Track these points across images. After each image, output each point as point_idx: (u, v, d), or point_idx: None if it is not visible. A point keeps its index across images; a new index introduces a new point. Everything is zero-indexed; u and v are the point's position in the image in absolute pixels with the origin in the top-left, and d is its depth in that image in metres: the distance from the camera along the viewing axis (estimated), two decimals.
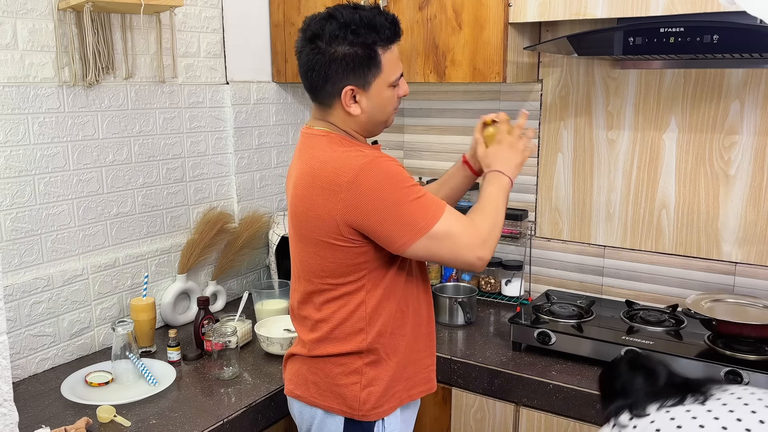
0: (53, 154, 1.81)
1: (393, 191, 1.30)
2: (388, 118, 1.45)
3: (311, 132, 1.44)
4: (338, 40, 1.32)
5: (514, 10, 1.94)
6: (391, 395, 1.45)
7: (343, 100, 1.36)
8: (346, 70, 1.34)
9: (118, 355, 1.74)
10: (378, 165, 1.30)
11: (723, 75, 1.95)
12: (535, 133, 1.43)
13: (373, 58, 1.34)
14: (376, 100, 1.39)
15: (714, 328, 1.76)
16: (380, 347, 1.42)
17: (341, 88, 1.35)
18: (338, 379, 1.42)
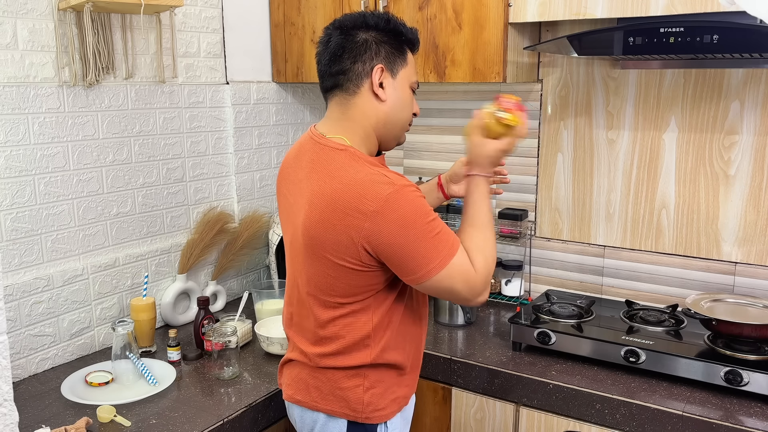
0: (53, 154, 1.81)
1: (416, 225, 1.28)
2: (404, 124, 1.43)
3: (326, 143, 1.37)
4: (371, 29, 1.36)
5: (514, 10, 1.94)
6: (393, 399, 1.45)
7: (373, 77, 1.35)
8: (378, 52, 1.35)
9: (118, 355, 1.74)
10: (404, 196, 1.27)
11: (723, 75, 1.95)
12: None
13: (401, 47, 1.38)
14: (399, 92, 1.38)
15: (714, 327, 1.76)
16: (384, 361, 1.42)
17: (372, 66, 1.35)
18: (341, 382, 1.41)
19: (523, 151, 2.31)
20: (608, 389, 1.68)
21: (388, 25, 1.37)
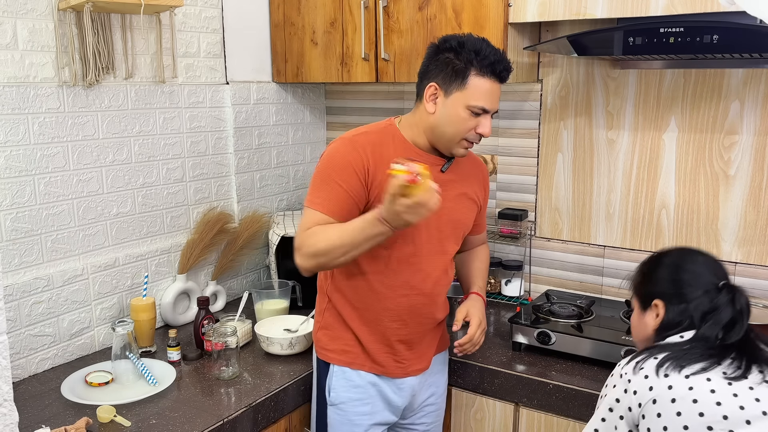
0: (53, 154, 1.81)
1: (319, 166, 1.60)
2: (453, 137, 1.57)
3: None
4: (447, 51, 1.55)
5: (514, 10, 1.94)
6: (340, 349, 1.68)
7: (426, 92, 1.58)
8: (438, 72, 1.56)
9: (118, 355, 1.74)
10: (334, 144, 1.61)
11: (723, 75, 1.95)
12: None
13: (462, 73, 1.53)
14: (449, 110, 1.55)
15: None
16: (333, 305, 1.69)
17: (427, 83, 1.57)
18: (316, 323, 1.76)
19: (523, 151, 2.31)
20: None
21: (446, 47, 1.56)
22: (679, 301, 1.29)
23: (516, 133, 2.32)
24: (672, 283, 1.31)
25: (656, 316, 1.32)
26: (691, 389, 1.16)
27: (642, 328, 1.37)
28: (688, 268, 1.31)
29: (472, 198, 1.73)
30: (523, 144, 2.31)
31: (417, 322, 1.67)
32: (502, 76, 1.55)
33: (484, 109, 1.54)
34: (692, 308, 1.27)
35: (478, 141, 1.60)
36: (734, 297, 1.25)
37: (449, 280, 1.73)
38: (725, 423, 1.12)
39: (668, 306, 1.30)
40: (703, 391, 1.15)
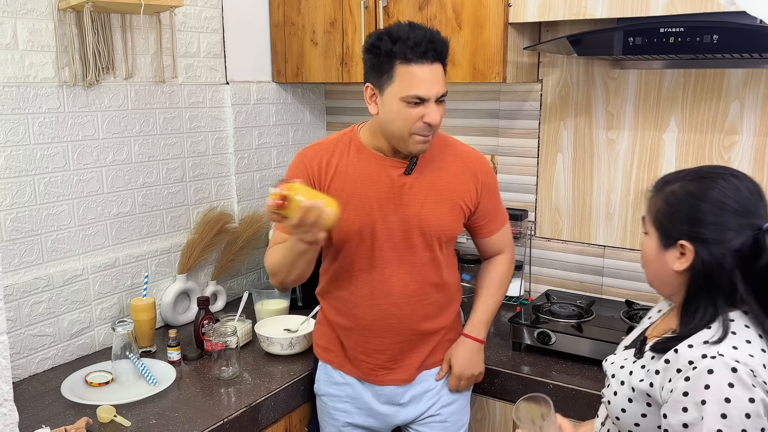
0: (53, 154, 1.81)
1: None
2: (401, 134, 1.50)
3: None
4: (370, 48, 1.49)
5: (514, 10, 1.94)
6: (322, 345, 1.73)
7: (365, 95, 1.54)
8: (370, 72, 1.51)
9: (118, 355, 1.74)
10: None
11: (723, 75, 1.95)
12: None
13: (387, 66, 1.46)
14: (387, 107, 1.49)
15: None
16: (323, 304, 1.71)
17: (365, 85, 1.54)
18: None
19: (523, 151, 2.31)
20: None
21: (368, 46, 1.50)
22: (712, 245, 1.09)
23: (516, 133, 2.32)
24: (705, 224, 1.10)
25: (680, 255, 1.13)
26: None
27: (659, 266, 1.18)
28: (728, 204, 1.09)
29: (456, 201, 1.60)
30: (523, 144, 2.31)
31: (391, 333, 1.62)
32: (429, 56, 1.43)
33: (419, 97, 1.45)
34: (729, 257, 1.08)
35: (430, 131, 1.49)
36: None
37: (432, 290, 1.62)
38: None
39: (699, 250, 1.10)
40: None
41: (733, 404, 1.00)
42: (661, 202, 1.16)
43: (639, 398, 1.15)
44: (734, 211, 1.09)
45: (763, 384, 1.02)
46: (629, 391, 1.16)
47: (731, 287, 1.09)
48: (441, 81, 1.47)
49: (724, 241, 1.08)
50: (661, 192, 1.17)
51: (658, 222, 1.16)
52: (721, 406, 1.00)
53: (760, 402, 1.00)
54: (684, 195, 1.13)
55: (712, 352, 1.05)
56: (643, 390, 1.13)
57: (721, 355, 1.04)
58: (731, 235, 1.08)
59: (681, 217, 1.12)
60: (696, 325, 1.10)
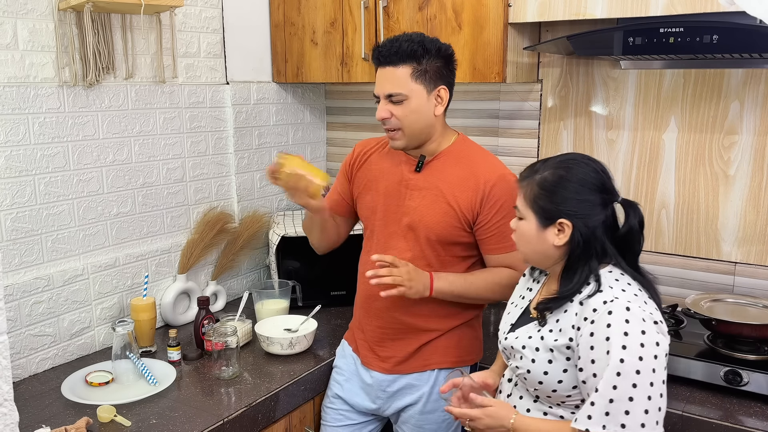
0: (53, 154, 1.81)
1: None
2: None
3: None
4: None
5: (513, 10, 1.94)
6: (349, 327, 1.90)
7: None
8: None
9: (119, 354, 1.75)
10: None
11: (723, 75, 1.95)
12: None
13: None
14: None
15: (714, 327, 1.76)
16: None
17: None
18: None
19: (523, 151, 2.31)
20: None
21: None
22: (587, 220, 1.28)
23: (516, 133, 2.32)
24: (579, 203, 1.28)
25: (558, 231, 1.30)
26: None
27: (538, 244, 1.33)
28: (592, 184, 1.30)
29: (452, 205, 1.65)
30: (523, 144, 2.31)
31: (376, 315, 1.73)
32: (378, 59, 1.62)
33: (374, 95, 1.65)
34: (599, 228, 1.28)
35: (387, 126, 1.64)
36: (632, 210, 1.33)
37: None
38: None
39: (576, 225, 1.28)
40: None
41: (630, 337, 1.20)
42: (536, 187, 1.32)
43: (558, 356, 1.29)
44: (597, 189, 1.29)
45: (650, 315, 1.23)
46: (547, 353, 1.31)
47: (603, 251, 1.30)
48: (390, 81, 1.60)
49: (594, 215, 1.28)
50: (533, 179, 1.34)
51: (536, 205, 1.32)
52: (622, 339, 1.19)
53: (650, 332, 1.21)
54: (556, 179, 1.31)
55: (609, 297, 1.24)
56: (562, 346, 1.29)
57: (617, 298, 1.24)
58: (598, 210, 1.29)
59: (557, 199, 1.29)
60: (574, 285, 1.29)
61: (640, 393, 1.18)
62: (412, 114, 1.61)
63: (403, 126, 1.62)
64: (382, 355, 1.75)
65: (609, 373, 1.19)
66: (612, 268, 1.31)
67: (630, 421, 1.18)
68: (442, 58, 1.63)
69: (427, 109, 1.62)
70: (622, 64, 2.06)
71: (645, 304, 1.26)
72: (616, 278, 1.29)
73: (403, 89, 1.59)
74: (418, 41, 1.59)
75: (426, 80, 1.61)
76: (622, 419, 1.18)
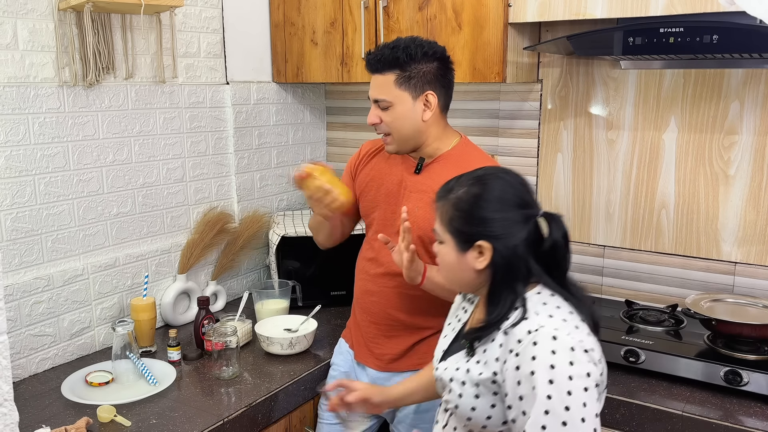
0: (53, 154, 1.81)
1: None
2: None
3: None
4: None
5: (514, 10, 1.94)
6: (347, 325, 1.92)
7: None
8: None
9: (119, 354, 1.75)
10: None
11: (723, 75, 1.95)
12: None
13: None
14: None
15: (714, 327, 1.76)
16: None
17: None
18: None
19: (523, 151, 2.31)
20: (608, 389, 1.68)
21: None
22: (505, 239, 1.18)
23: (516, 133, 2.32)
24: (494, 222, 1.18)
25: (479, 255, 1.20)
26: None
27: (460, 269, 1.23)
28: (510, 200, 1.20)
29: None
30: (523, 144, 2.31)
31: (370, 312, 1.75)
32: (371, 68, 1.63)
33: (369, 97, 1.67)
34: (521, 247, 1.18)
35: (378, 130, 1.67)
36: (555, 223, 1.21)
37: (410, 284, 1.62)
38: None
39: (495, 246, 1.18)
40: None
41: (557, 369, 1.09)
42: (451, 208, 1.23)
43: (485, 391, 1.19)
44: (516, 205, 1.20)
45: (580, 342, 1.12)
46: (473, 388, 1.21)
47: (527, 270, 1.19)
48: (376, 88, 1.63)
49: (514, 234, 1.18)
50: (447, 200, 1.24)
51: (452, 228, 1.23)
52: (548, 373, 1.09)
53: (579, 362, 1.10)
54: (471, 198, 1.21)
55: (534, 326, 1.13)
56: (488, 380, 1.18)
57: (542, 326, 1.13)
58: (518, 227, 1.18)
59: (473, 220, 1.20)
60: (500, 311, 1.18)
61: (572, 431, 1.08)
62: (398, 120, 1.62)
63: (392, 131, 1.64)
64: (377, 351, 1.76)
65: (536, 411, 1.08)
66: (541, 289, 1.21)
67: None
68: (432, 61, 1.61)
69: (413, 115, 1.62)
70: (622, 64, 2.06)
71: (576, 329, 1.15)
72: (544, 302, 1.19)
73: (387, 96, 1.61)
74: (403, 47, 1.58)
75: (410, 86, 1.60)
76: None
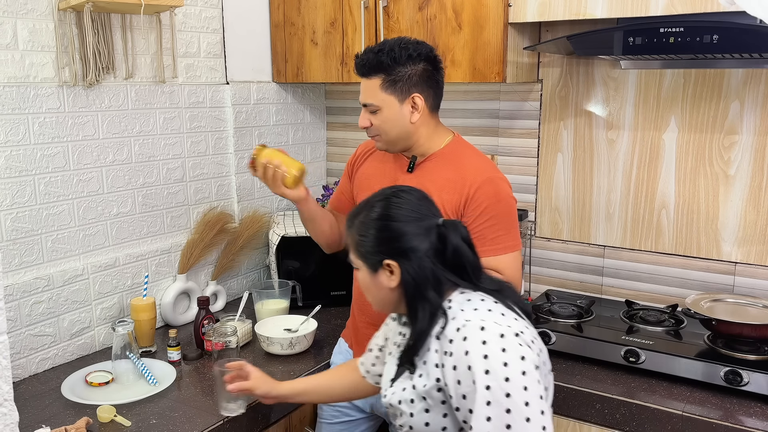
0: (53, 154, 1.81)
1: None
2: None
3: None
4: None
5: (514, 10, 1.94)
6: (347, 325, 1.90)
7: None
8: None
9: (119, 354, 1.75)
10: None
11: (723, 75, 1.95)
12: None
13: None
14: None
15: (714, 327, 1.76)
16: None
17: None
18: None
19: (523, 151, 2.32)
20: (608, 389, 1.68)
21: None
22: (409, 255, 1.21)
23: (516, 133, 2.32)
24: (393, 240, 1.22)
25: (390, 274, 1.24)
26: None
27: (378, 290, 1.27)
28: (407, 216, 1.24)
29: (438, 205, 1.65)
30: (523, 144, 2.31)
31: (367, 312, 1.75)
32: (356, 71, 1.63)
33: (362, 105, 1.66)
34: (427, 258, 1.21)
35: (369, 133, 1.67)
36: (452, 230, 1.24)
37: None
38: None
39: (401, 263, 1.22)
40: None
41: (490, 359, 1.10)
42: (356, 235, 1.28)
43: (433, 404, 1.20)
44: (414, 219, 1.23)
45: (509, 328, 1.14)
46: (422, 402, 1.21)
47: (436, 280, 1.22)
48: (363, 92, 1.63)
49: (417, 247, 1.21)
50: (352, 227, 1.29)
51: (360, 254, 1.27)
52: (483, 364, 1.10)
53: (512, 347, 1.12)
54: (370, 221, 1.25)
55: (461, 322, 1.16)
56: (433, 389, 1.19)
57: (468, 320, 1.16)
58: (419, 240, 1.21)
59: (376, 242, 1.24)
60: (420, 322, 1.21)
61: (516, 417, 1.08)
62: (386, 123, 1.62)
63: (381, 133, 1.65)
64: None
65: (479, 404, 1.09)
66: (463, 290, 1.24)
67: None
68: (419, 63, 1.59)
69: (400, 118, 1.61)
70: (622, 64, 2.06)
71: (502, 316, 1.17)
72: (468, 299, 1.22)
73: (374, 100, 1.61)
74: (387, 51, 1.57)
75: (396, 90, 1.59)
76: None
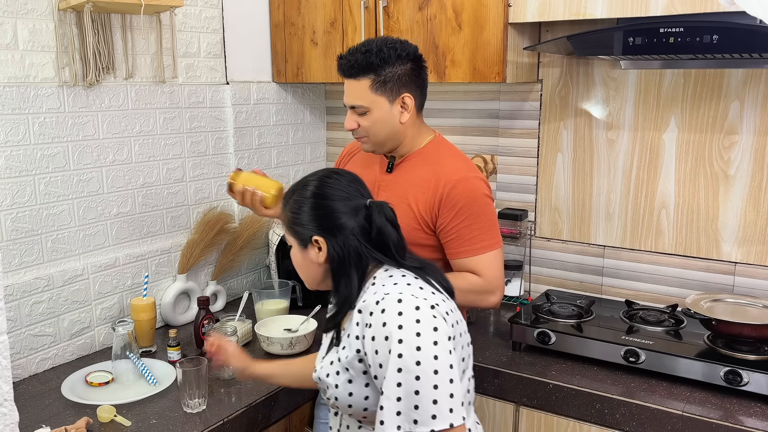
0: (53, 154, 1.81)
1: None
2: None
3: None
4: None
5: (514, 10, 1.94)
6: None
7: None
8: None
9: (119, 354, 1.75)
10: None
11: (723, 75, 1.95)
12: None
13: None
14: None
15: (714, 327, 1.76)
16: None
17: None
18: None
19: (523, 151, 2.32)
20: (608, 389, 1.68)
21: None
22: (336, 232, 1.28)
23: (516, 133, 2.32)
24: (323, 218, 1.29)
25: (318, 250, 1.30)
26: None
27: (308, 266, 1.34)
28: (336, 195, 1.30)
29: (411, 206, 1.65)
30: (523, 144, 2.31)
31: None
32: (341, 72, 1.62)
33: (348, 107, 1.65)
34: (352, 237, 1.28)
35: (355, 134, 1.67)
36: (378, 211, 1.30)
37: None
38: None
39: (329, 240, 1.28)
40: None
41: (405, 329, 1.16)
42: (288, 213, 1.34)
43: (355, 375, 1.25)
44: (342, 198, 1.29)
45: (425, 300, 1.20)
46: (345, 373, 1.27)
47: (359, 257, 1.28)
48: (351, 94, 1.62)
49: (345, 225, 1.28)
50: (287, 205, 1.35)
51: (293, 230, 1.33)
52: (398, 333, 1.15)
53: (426, 318, 1.17)
54: (302, 200, 1.32)
55: (380, 295, 1.21)
56: (354, 359, 1.24)
57: (387, 294, 1.21)
58: (347, 218, 1.28)
59: (306, 219, 1.30)
60: (341, 294, 1.29)
61: (425, 384, 1.13)
62: (376, 125, 1.62)
63: (369, 135, 1.65)
64: None
65: (391, 371, 1.15)
66: (387, 267, 1.30)
67: (420, 415, 1.13)
68: (407, 62, 1.60)
69: (390, 118, 1.62)
70: (622, 64, 2.06)
71: (420, 290, 1.23)
72: (390, 275, 1.27)
73: (363, 102, 1.60)
74: (376, 51, 1.56)
75: (386, 90, 1.59)
76: (413, 415, 1.13)
